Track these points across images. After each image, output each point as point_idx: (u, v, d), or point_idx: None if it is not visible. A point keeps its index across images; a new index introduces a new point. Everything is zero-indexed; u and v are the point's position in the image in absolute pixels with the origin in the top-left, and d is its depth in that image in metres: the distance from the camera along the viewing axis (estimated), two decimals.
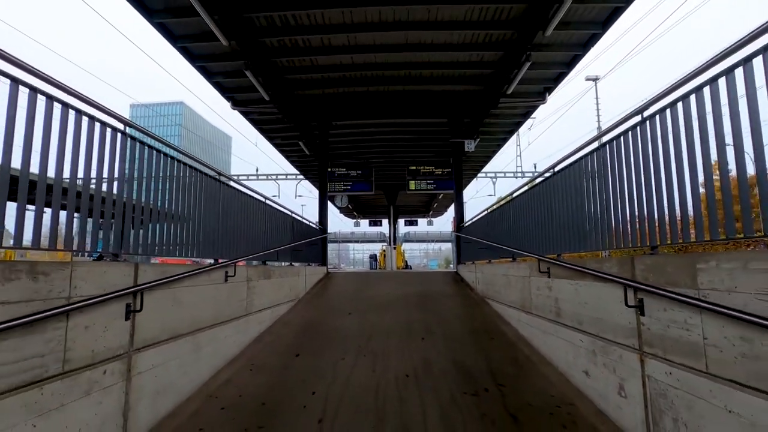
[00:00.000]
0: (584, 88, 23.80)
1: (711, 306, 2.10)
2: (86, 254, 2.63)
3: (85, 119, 2.75)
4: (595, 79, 23.64)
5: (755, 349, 1.91)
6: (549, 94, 10.54)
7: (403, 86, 10.36)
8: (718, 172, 2.23)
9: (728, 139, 2.20)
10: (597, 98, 23.05)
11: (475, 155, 14.93)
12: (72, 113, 2.64)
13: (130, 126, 3.24)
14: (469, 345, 4.91)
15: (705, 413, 2.19)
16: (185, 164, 3.97)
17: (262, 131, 12.95)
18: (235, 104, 10.98)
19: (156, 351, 3.18)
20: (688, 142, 2.51)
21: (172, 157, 3.77)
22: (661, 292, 2.49)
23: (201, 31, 7.94)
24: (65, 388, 2.34)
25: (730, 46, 2.19)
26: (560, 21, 7.31)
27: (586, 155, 3.80)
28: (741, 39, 2.13)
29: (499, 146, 15.24)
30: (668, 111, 2.71)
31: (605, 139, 3.50)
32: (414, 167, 12.89)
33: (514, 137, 19.76)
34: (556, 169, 4.51)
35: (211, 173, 4.53)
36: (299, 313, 6.42)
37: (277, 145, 14.58)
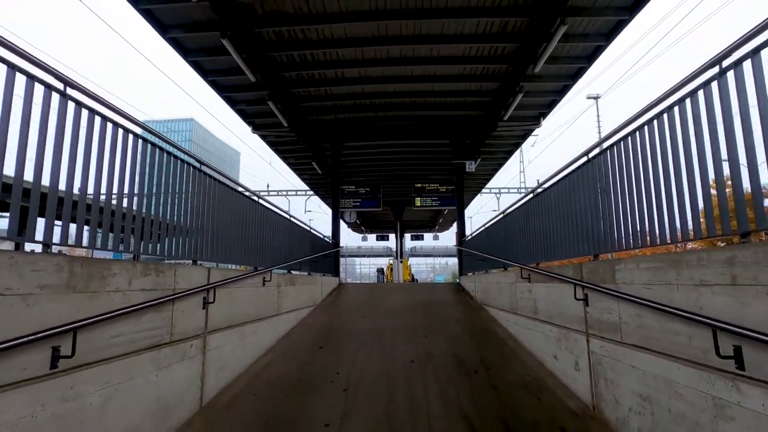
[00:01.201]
0: (585, 106, 24.95)
1: (621, 294, 3.13)
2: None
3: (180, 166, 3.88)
4: (596, 98, 24.83)
5: (643, 321, 2.93)
6: (543, 119, 11.68)
7: (409, 112, 11.58)
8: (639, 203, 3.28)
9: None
10: (598, 115, 24.17)
11: (477, 173, 16.02)
12: (180, 164, 3.77)
13: (205, 164, 4.37)
14: (465, 342, 5.90)
15: (620, 371, 3.20)
16: (235, 190, 5.10)
17: (278, 152, 14.20)
18: (255, 128, 12.25)
19: (219, 335, 4.25)
20: (614, 188, 3.57)
21: (233, 189, 4.91)
22: (596, 287, 3.52)
23: (229, 66, 9.20)
24: (171, 352, 3.41)
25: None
26: (549, 56, 8.45)
27: (550, 186, 4.89)
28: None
29: (500, 165, 16.35)
30: (606, 152, 3.77)
31: (566, 172, 4.57)
32: (419, 185, 14.00)
33: (517, 154, 20.79)
34: (536, 191, 5.57)
35: (249, 194, 5.65)
36: (318, 317, 7.46)
37: (290, 164, 15.83)
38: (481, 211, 36.42)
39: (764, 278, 2.00)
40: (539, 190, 5.35)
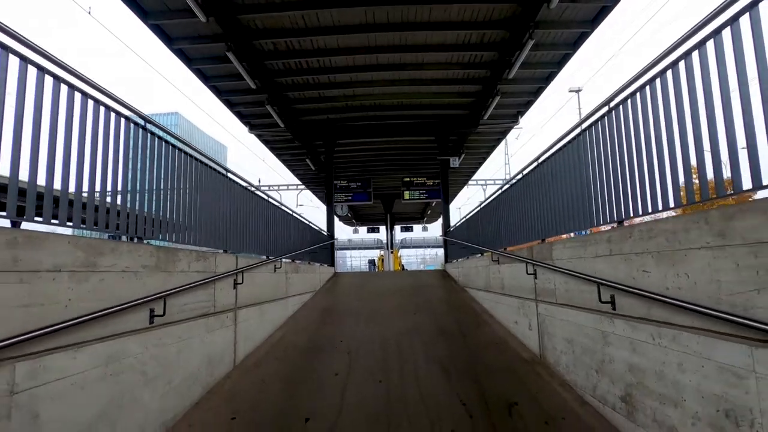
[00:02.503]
0: (567, 98, 26.19)
1: (555, 268, 4.29)
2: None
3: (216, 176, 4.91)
4: (578, 91, 26.09)
5: (568, 286, 4.11)
6: (521, 117, 12.86)
7: (397, 112, 12.63)
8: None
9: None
10: (579, 108, 25.43)
11: (463, 167, 17.18)
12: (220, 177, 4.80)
13: (230, 172, 5.39)
14: (447, 316, 7.08)
15: (555, 324, 4.38)
16: (248, 189, 6.14)
17: (273, 150, 15.15)
18: (252, 128, 13.19)
19: (245, 311, 5.33)
20: (551, 189, 4.72)
21: (252, 192, 5.95)
22: (541, 264, 4.69)
23: (230, 73, 10.12)
24: (215, 321, 4.49)
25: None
26: (523, 62, 9.55)
27: (510, 186, 6.06)
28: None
29: (484, 159, 17.56)
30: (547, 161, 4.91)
31: (519, 176, 5.72)
32: (408, 179, 15.15)
33: (503, 147, 21.93)
34: (503, 189, 6.73)
35: (266, 197, 6.70)
36: (319, 300, 8.57)
37: (284, 161, 16.79)
38: (469, 202, 37.72)
39: (624, 249, 3.16)
40: (505, 187, 6.51)
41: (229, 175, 5.38)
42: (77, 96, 2.89)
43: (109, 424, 2.78)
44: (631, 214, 3.24)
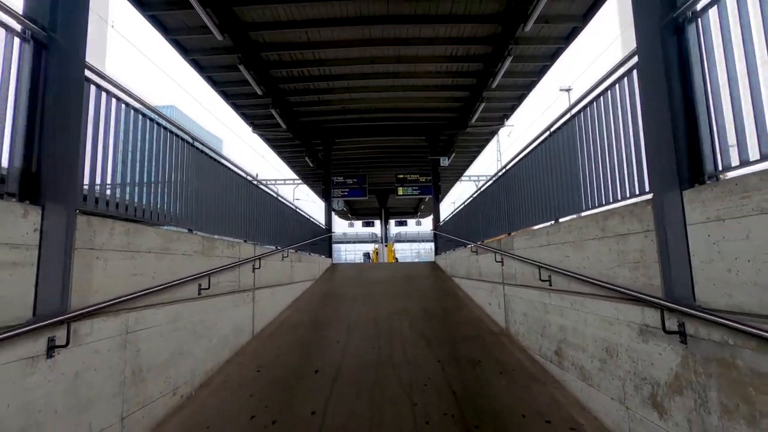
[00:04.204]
0: (557, 96, 27.34)
1: (516, 256, 5.39)
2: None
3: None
4: (568, 90, 27.21)
5: (523, 269, 5.21)
6: (507, 119, 13.96)
7: (391, 114, 13.68)
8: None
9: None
10: (570, 106, 26.52)
11: (454, 165, 18.29)
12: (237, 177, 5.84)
13: (254, 179, 6.42)
14: (433, 300, 8.20)
15: (516, 302, 5.50)
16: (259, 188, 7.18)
17: (274, 147, 16.16)
18: (255, 128, 14.18)
19: (260, 292, 6.40)
20: (514, 192, 5.81)
21: (267, 193, 6.99)
22: (506, 253, 5.79)
23: (238, 80, 11.09)
24: (239, 298, 5.56)
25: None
26: (505, 71, 10.61)
27: (487, 187, 7.15)
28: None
29: (474, 157, 18.68)
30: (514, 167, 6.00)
31: (494, 179, 6.81)
32: (401, 175, 16.20)
33: (495, 144, 22.99)
34: (480, 190, 7.83)
35: (277, 196, 7.74)
36: (319, 287, 9.66)
37: (284, 158, 17.81)
38: (460, 198, 38.92)
39: (556, 239, 4.26)
40: (483, 188, 7.61)
41: (254, 182, 6.42)
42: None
43: (174, 364, 3.85)
44: (563, 214, 4.35)
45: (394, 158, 18.05)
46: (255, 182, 6.50)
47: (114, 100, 3.33)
